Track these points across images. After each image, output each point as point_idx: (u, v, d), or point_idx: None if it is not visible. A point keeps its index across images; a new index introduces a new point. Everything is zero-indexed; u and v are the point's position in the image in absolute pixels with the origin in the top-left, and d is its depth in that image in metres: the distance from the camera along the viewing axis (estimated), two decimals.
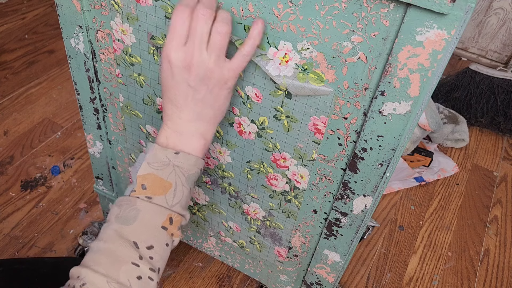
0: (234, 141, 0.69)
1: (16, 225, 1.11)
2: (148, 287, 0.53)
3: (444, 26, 0.42)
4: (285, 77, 0.56)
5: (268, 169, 0.69)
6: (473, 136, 1.55)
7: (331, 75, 0.53)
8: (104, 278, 0.50)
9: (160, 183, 0.55)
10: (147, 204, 0.54)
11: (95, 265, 0.51)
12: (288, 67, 0.55)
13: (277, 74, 0.56)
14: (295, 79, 0.55)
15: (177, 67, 0.53)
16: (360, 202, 0.62)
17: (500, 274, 1.17)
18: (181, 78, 0.53)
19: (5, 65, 1.56)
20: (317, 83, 0.55)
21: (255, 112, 0.62)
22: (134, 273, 0.52)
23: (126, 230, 0.53)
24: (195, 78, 0.53)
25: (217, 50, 0.52)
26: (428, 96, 0.51)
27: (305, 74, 0.55)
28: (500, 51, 1.78)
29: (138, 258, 0.52)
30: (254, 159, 0.69)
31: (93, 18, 0.66)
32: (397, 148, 0.54)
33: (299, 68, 0.54)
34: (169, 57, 0.52)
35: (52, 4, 1.86)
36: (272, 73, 0.56)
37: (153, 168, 0.55)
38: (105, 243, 0.53)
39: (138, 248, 0.53)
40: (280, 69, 0.56)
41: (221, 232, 0.88)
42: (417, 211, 1.29)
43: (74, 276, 0.51)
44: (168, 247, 0.56)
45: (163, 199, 0.55)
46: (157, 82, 0.68)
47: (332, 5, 0.47)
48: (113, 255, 0.52)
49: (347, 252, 0.70)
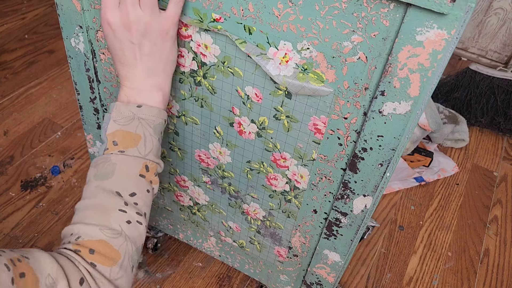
0: (234, 141, 0.69)
1: (16, 225, 1.11)
2: (138, 230, 0.56)
3: (444, 26, 0.42)
4: (285, 76, 0.55)
5: (268, 169, 0.69)
6: (473, 136, 1.55)
7: (331, 75, 0.53)
8: (97, 227, 0.53)
9: (130, 136, 0.58)
10: (121, 157, 0.57)
11: (85, 219, 0.54)
12: (288, 66, 0.55)
13: (277, 73, 0.56)
14: (295, 79, 0.55)
15: (117, 28, 0.55)
16: (360, 202, 0.62)
17: (500, 274, 1.17)
18: (123, 37, 0.56)
19: (5, 65, 1.56)
20: (317, 83, 0.55)
21: (255, 112, 0.62)
22: (123, 218, 0.55)
23: (107, 184, 0.56)
24: (137, 34, 0.55)
25: (149, 3, 0.55)
26: (428, 96, 0.51)
27: (305, 74, 0.55)
28: (500, 51, 1.78)
29: (124, 204, 0.55)
30: (254, 159, 0.69)
31: (93, 18, 0.66)
32: (397, 148, 0.54)
33: (299, 67, 0.54)
34: (108, 20, 0.55)
35: (52, 4, 1.86)
36: (272, 72, 0.56)
37: (120, 124, 0.58)
38: (89, 200, 0.55)
39: (121, 196, 0.55)
40: (280, 69, 0.56)
41: (221, 232, 0.88)
42: (417, 211, 1.29)
43: (67, 235, 0.54)
44: (149, 194, 0.59)
45: (136, 150, 0.58)
46: None
47: (332, 5, 0.47)
48: (100, 207, 0.54)
49: (347, 252, 0.70)
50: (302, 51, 0.52)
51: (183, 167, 0.79)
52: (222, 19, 0.55)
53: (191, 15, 0.57)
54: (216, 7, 0.54)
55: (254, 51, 0.56)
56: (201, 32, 0.58)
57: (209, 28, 0.56)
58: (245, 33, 0.55)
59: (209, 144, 0.71)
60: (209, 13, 0.55)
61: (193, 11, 0.56)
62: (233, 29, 0.55)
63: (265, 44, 0.54)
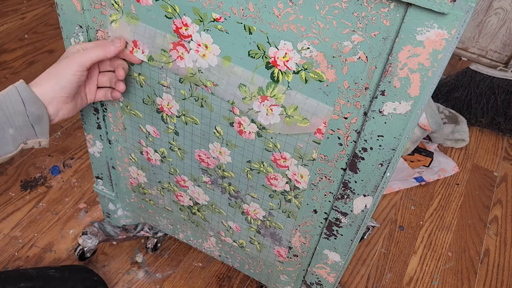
0: (234, 141, 0.69)
1: (16, 225, 1.11)
2: None
3: (445, 26, 0.42)
4: (275, 124, 0.62)
5: (268, 169, 0.69)
6: (473, 136, 1.55)
7: (331, 75, 0.53)
8: None
9: None
10: None
11: None
12: (274, 115, 0.61)
13: (267, 123, 0.62)
14: (283, 124, 0.61)
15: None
16: (360, 202, 0.62)
17: (500, 274, 1.17)
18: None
19: (5, 65, 1.56)
20: (303, 123, 0.59)
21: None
22: None
23: None
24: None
25: None
26: (428, 96, 0.51)
27: (290, 118, 0.60)
28: (500, 51, 1.78)
29: None
30: (254, 159, 0.69)
31: (93, 18, 0.66)
32: (397, 148, 0.53)
33: (300, 67, 0.54)
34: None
35: (52, 4, 1.86)
36: (264, 123, 0.63)
37: None
38: None
39: None
40: (269, 119, 0.62)
41: (221, 232, 0.88)
42: (417, 211, 1.29)
43: None
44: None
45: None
46: (157, 82, 0.68)
47: (333, 4, 0.47)
48: None
49: (347, 252, 0.70)
50: (302, 51, 0.52)
51: (183, 167, 0.79)
52: (222, 18, 0.55)
53: (191, 14, 0.57)
54: (216, 6, 0.54)
55: (244, 108, 0.63)
56: (201, 32, 0.58)
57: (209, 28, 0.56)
58: (245, 32, 0.55)
59: (209, 144, 0.71)
60: (209, 13, 0.55)
61: (193, 11, 0.56)
62: (233, 29, 0.55)
63: (265, 44, 0.54)
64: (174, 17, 0.59)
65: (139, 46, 0.65)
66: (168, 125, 0.73)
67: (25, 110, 0.59)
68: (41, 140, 0.62)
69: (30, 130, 0.60)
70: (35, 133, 0.61)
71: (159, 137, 0.77)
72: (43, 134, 0.62)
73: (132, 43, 0.65)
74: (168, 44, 0.62)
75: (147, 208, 0.96)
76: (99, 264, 1.05)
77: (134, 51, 0.66)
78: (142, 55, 0.66)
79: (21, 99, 0.59)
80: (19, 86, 0.59)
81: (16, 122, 0.59)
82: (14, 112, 0.59)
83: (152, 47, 0.64)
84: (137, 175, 0.88)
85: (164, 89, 0.69)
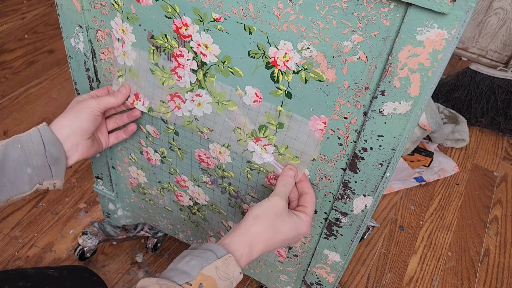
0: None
1: (16, 225, 1.11)
2: None
3: (445, 26, 0.42)
4: (269, 162, 0.66)
5: (268, 169, 0.69)
6: (473, 136, 1.55)
7: (331, 75, 0.53)
8: None
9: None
10: None
11: None
12: (268, 153, 0.65)
13: (262, 162, 0.67)
14: (277, 161, 0.65)
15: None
16: (360, 202, 0.62)
17: (500, 274, 1.17)
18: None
19: (5, 65, 1.56)
20: (294, 161, 0.64)
21: (255, 112, 0.62)
22: None
23: None
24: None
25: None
26: (428, 96, 0.51)
27: (283, 156, 0.64)
28: (500, 51, 1.78)
29: None
30: (254, 159, 0.69)
31: (93, 18, 0.66)
32: (397, 148, 0.53)
33: (300, 67, 0.54)
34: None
35: (52, 4, 1.86)
36: (259, 162, 0.67)
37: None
38: None
39: None
40: (263, 157, 0.66)
41: (221, 232, 0.88)
42: (417, 211, 1.29)
43: None
44: None
45: None
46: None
47: (332, 4, 0.47)
48: None
49: (347, 252, 0.70)
50: (302, 51, 0.52)
51: (183, 167, 0.79)
52: (222, 18, 0.55)
53: (191, 14, 0.57)
54: (216, 6, 0.54)
55: (239, 149, 0.67)
56: (201, 32, 0.58)
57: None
58: (245, 32, 0.55)
59: (209, 144, 0.71)
60: (209, 13, 0.55)
61: (193, 11, 0.56)
62: (233, 29, 0.55)
63: (265, 43, 0.54)
64: (174, 17, 0.59)
65: (140, 98, 0.70)
66: (168, 125, 0.73)
67: (44, 150, 0.61)
68: (56, 181, 0.64)
69: (47, 171, 0.62)
70: (52, 174, 0.63)
71: (159, 137, 0.77)
72: (59, 175, 0.64)
73: (134, 96, 0.71)
74: (166, 95, 0.68)
75: (147, 208, 0.96)
76: (99, 264, 1.05)
77: (134, 103, 0.71)
78: (142, 106, 0.71)
79: (42, 140, 0.61)
80: (41, 128, 0.62)
81: (35, 162, 0.61)
82: (34, 152, 0.61)
83: (152, 98, 0.69)
84: (137, 175, 0.88)
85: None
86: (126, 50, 0.66)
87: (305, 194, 0.64)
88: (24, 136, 0.61)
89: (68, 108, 0.66)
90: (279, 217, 0.59)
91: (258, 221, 0.58)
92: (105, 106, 0.67)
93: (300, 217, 0.61)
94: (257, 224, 0.58)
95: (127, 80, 0.70)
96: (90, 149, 0.68)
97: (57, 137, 0.63)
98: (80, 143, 0.65)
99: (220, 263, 0.53)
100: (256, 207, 0.59)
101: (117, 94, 0.69)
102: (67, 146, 0.64)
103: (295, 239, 0.61)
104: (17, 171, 0.60)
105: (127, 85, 0.69)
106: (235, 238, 0.57)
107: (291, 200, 0.66)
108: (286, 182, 0.63)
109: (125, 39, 0.66)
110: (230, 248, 0.55)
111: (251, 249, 0.57)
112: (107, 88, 0.71)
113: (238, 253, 0.56)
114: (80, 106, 0.65)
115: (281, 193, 0.61)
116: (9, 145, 0.60)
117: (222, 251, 0.54)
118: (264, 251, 0.58)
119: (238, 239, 0.57)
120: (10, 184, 0.61)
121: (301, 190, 0.65)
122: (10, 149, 0.60)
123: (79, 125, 0.64)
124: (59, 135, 0.63)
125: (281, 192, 0.61)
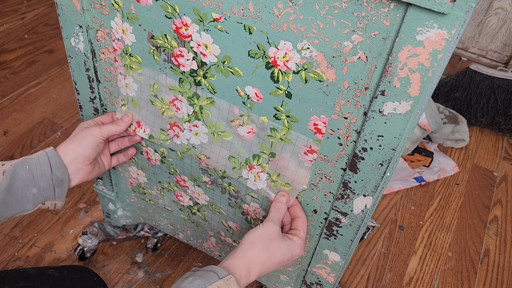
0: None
1: (16, 225, 1.11)
2: None
3: (445, 26, 0.42)
4: (263, 189, 0.69)
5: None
6: (473, 136, 1.55)
7: (331, 75, 0.53)
8: None
9: None
10: None
11: None
12: (261, 180, 0.69)
13: (256, 188, 0.70)
14: (270, 188, 0.69)
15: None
16: (360, 202, 0.62)
17: (500, 274, 1.17)
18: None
19: (5, 65, 1.56)
20: (286, 187, 0.67)
21: (255, 112, 0.62)
22: None
23: None
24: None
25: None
26: (428, 96, 0.51)
27: (275, 182, 0.67)
28: (500, 51, 1.78)
29: None
30: (253, 158, 0.69)
31: (93, 18, 0.66)
32: (397, 148, 0.53)
33: (300, 67, 0.54)
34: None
35: (52, 4, 1.86)
36: (253, 188, 0.70)
37: None
38: None
39: None
40: (257, 184, 0.69)
41: (221, 232, 0.88)
42: (417, 211, 1.29)
43: None
44: None
45: None
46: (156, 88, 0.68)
47: (332, 4, 0.47)
48: None
49: (347, 252, 0.70)
50: (302, 51, 0.52)
51: (183, 167, 0.79)
52: (222, 18, 0.55)
53: (191, 14, 0.57)
54: (216, 6, 0.54)
55: (234, 175, 0.71)
56: (201, 32, 0.58)
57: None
58: (245, 32, 0.55)
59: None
60: (209, 13, 0.55)
61: (193, 11, 0.56)
62: (233, 29, 0.55)
63: (265, 43, 0.54)
64: (174, 17, 0.59)
65: (141, 126, 0.74)
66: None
67: (51, 173, 0.66)
68: (57, 202, 0.69)
69: (51, 192, 0.67)
70: (55, 195, 0.68)
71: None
72: (61, 197, 0.69)
73: (136, 123, 0.75)
74: (166, 124, 0.71)
75: (147, 208, 0.96)
76: (99, 264, 1.05)
77: (136, 130, 0.75)
78: (144, 133, 0.75)
79: (49, 163, 0.66)
80: (49, 152, 0.67)
81: (41, 183, 0.65)
82: (41, 174, 0.65)
83: (152, 126, 0.73)
84: (137, 175, 0.88)
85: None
86: (128, 82, 0.70)
87: (297, 218, 0.68)
88: (33, 158, 0.66)
89: (73, 134, 0.71)
90: (273, 241, 0.63)
91: (253, 245, 0.62)
92: (108, 134, 0.72)
93: (293, 240, 0.65)
94: (253, 248, 0.61)
95: (130, 109, 0.74)
96: (91, 173, 0.73)
97: (63, 162, 0.67)
98: (82, 168, 0.70)
99: (222, 283, 0.57)
100: (251, 232, 0.63)
101: (120, 123, 0.74)
102: (70, 170, 0.69)
103: (290, 261, 0.65)
104: (23, 190, 0.64)
105: (130, 114, 0.74)
106: (233, 261, 0.60)
107: (284, 224, 0.70)
108: (279, 208, 0.67)
109: (125, 39, 0.66)
110: (229, 271, 0.59)
111: (249, 271, 0.60)
112: (112, 115, 0.76)
113: (237, 275, 0.59)
114: (84, 134, 0.70)
115: (274, 219, 0.65)
116: (18, 165, 0.64)
117: (223, 272, 0.58)
118: (261, 274, 0.62)
119: (236, 262, 0.60)
120: (16, 202, 0.64)
121: (293, 214, 0.69)
122: (19, 169, 0.64)
123: (82, 152, 0.69)
124: (64, 160, 0.68)
125: (274, 218, 0.65)
